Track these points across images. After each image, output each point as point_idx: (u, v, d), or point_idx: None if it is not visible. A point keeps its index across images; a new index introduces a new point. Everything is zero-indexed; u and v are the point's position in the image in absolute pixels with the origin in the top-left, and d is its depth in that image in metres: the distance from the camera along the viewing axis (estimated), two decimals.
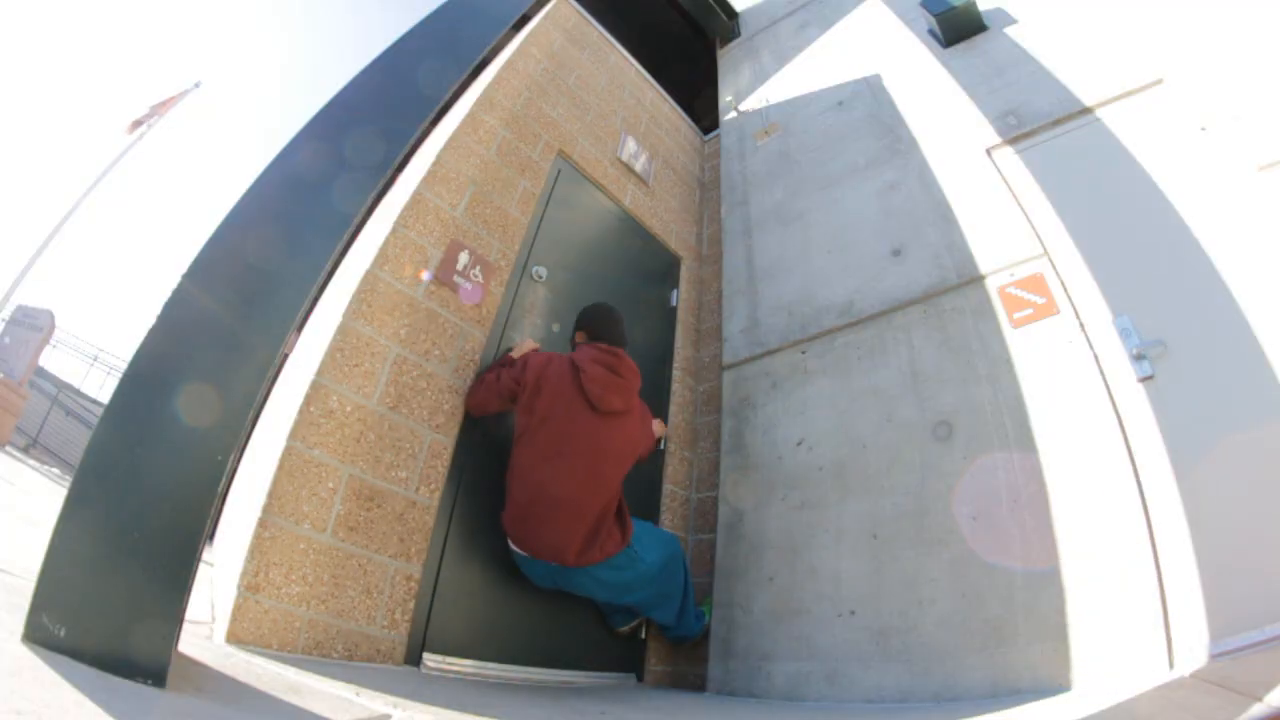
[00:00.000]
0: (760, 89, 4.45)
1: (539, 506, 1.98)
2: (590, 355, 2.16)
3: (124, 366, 1.44)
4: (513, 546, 2.07)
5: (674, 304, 3.49)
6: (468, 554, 2.14)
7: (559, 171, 3.12)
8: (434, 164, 2.50)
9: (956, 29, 3.42)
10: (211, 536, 3.04)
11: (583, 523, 1.99)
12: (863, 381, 2.64)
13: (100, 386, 13.74)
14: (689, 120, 4.56)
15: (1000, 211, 2.68)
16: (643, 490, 2.86)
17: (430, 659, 1.91)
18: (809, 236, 3.29)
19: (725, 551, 2.65)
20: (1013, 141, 2.85)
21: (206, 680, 1.21)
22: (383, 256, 2.18)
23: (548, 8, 3.72)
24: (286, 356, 2.54)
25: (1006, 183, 2.74)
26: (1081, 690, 1.69)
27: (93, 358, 14.09)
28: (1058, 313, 2.31)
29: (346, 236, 1.59)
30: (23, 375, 8.92)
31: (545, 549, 2.00)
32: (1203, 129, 2.35)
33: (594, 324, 2.32)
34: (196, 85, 12.20)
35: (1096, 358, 2.16)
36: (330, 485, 1.79)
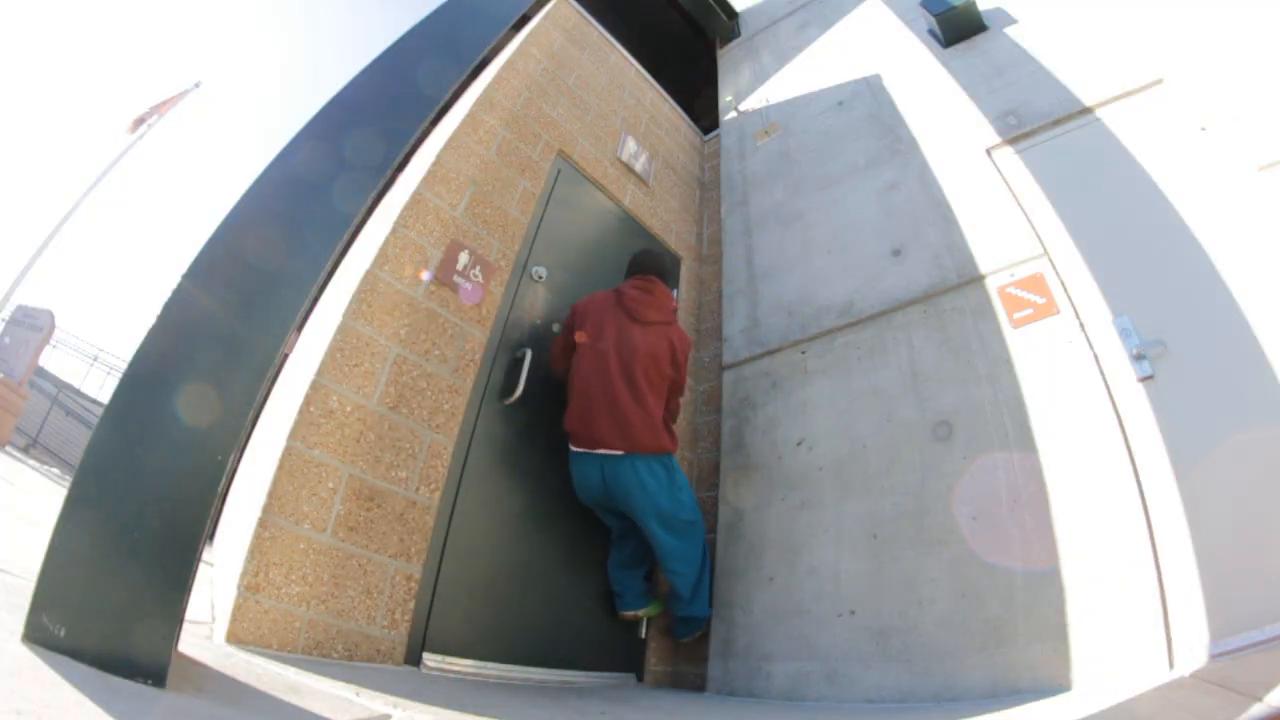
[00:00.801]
0: (760, 89, 4.45)
1: (601, 396, 2.34)
2: (629, 284, 2.62)
3: (124, 366, 1.44)
4: (572, 449, 2.38)
5: (674, 304, 3.49)
6: (468, 554, 2.14)
7: (559, 171, 3.12)
8: (434, 164, 2.50)
9: (956, 29, 3.42)
10: (211, 536, 3.04)
11: (637, 408, 2.34)
12: (863, 381, 2.64)
13: (100, 386, 13.76)
14: (689, 120, 4.56)
15: (1000, 211, 2.68)
16: None
17: (430, 659, 1.91)
18: (809, 236, 3.29)
19: (725, 551, 2.65)
20: (1013, 141, 2.85)
21: (206, 680, 1.21)
22: (383, 256, 2.18)
23: (548, 8, 3.72)
24: (286, 356, 2.54)
25: (1006, 183, 2.74)
26: (1082, 690, 1.69)
27: (93, 358, 14.11)
28: (1058, 313, 2.31)
29: (346, 236, 1.59)
30: (23, 375, 8.92)
31: (605, 432, 2.32)
32: (1203, 129, 2.35)
33: (632, 266, 2.74)
34: (196, 85, 12.21)
35: (1096, 358, 2.16)
36: (330, 485, 1.79)
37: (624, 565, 2.50)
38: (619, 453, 2.31)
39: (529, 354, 2.47)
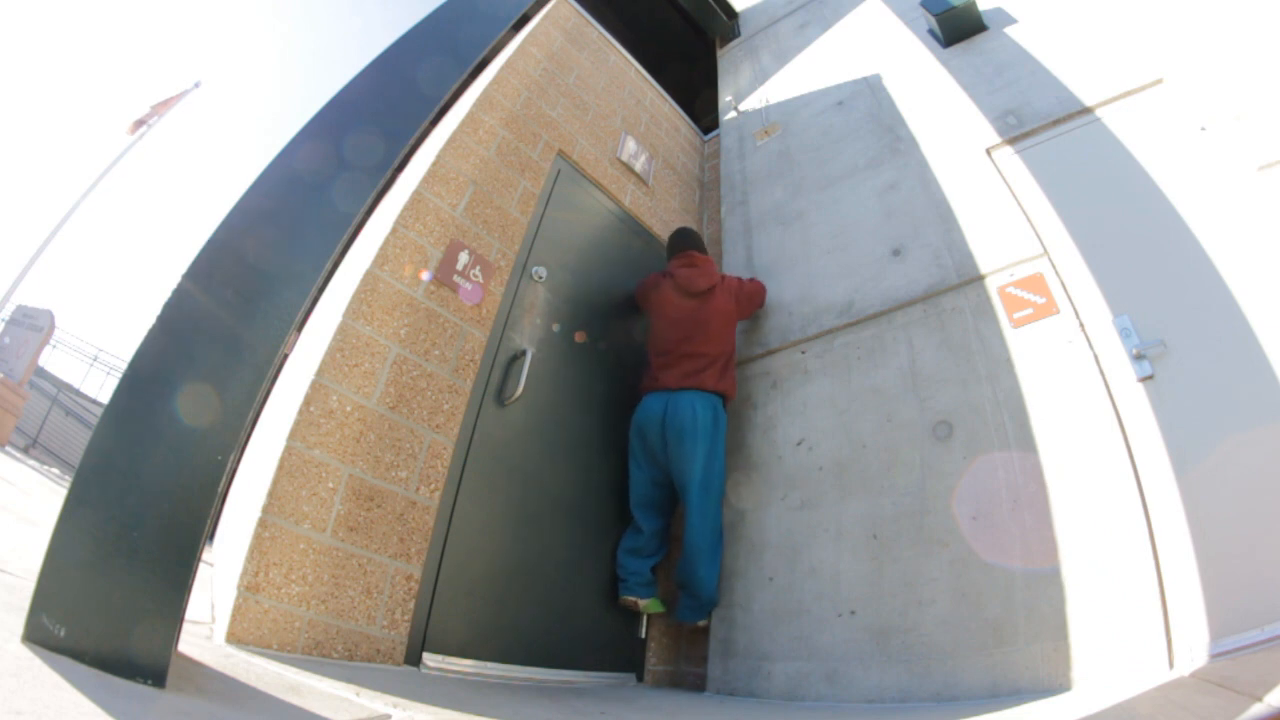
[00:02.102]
0: (760, 89, 4.45)
1: (674, 360, 2.73)
2: (674, 265, 3.02)
3: (124, 366, 1.44)
4: (643, 394, 2.76)
5: None
6: (468, 554, 2.14)
7: (559, 171, 3.12)
8: (434, 164, 2.50)
9: (956, 29, 3.42)
10: (211, 536, 3.04)
11: (701, 360, 2.72)
12: (863, 381, 2.64)
13: (100, 386, 13.78)
14: (689, 120, 4.56)
15: (1000, 211, 2.68)
16: None
17: (430, 659, 1.91)
18: (809, 236, 3.28)
19: (725, 551, 2.64)
20: (1013, 141, 2.85)
21: (206, 680, 1.21)
22: (383, 256, 2.18)
23: (547, 7, 3.72)
24: (286, 356, 2.53)
25: (1006, 182, 2.74)
26: (1081, 690, 1.69)
27: (92, 358, 14.13)
28: (1058, 312, 2.31)
29: (347, 236, 1.59)
30: (23, 375, 8.93)
31: (672, 381, 2.69)
32: (1203, 129, 2.35)
33: (671, 248, 3.15)
34: (196, 85, 12.22)
35: (1096, 358, 2.16)
36: (330, 485, 1.79)
37: (636, 552, 2.55)
38: (683, 388, 2.66)
39: (529, 354, 2.47)
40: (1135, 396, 2.05)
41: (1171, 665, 1.64)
